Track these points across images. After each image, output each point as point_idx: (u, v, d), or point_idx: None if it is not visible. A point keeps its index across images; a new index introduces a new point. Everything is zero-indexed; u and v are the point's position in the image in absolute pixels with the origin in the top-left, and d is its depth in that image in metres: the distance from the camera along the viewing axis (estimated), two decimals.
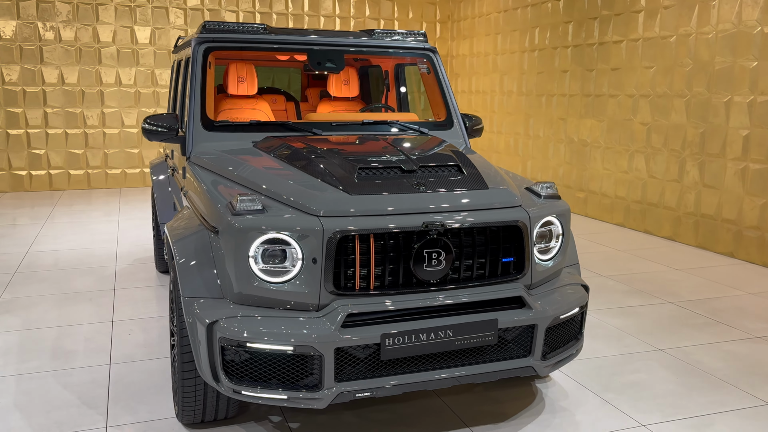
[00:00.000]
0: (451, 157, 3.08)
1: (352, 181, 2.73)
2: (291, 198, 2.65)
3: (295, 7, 10.37)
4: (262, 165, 3.04)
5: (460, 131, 3.96)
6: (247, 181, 2.89)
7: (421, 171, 2.89)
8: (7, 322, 4.26)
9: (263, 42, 3.79)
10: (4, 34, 9.17)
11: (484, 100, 10.34)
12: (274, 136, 3.46)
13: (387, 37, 4.09)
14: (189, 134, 3.50)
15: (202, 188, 2.97)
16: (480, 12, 10.35)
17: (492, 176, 3.01)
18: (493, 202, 2.77)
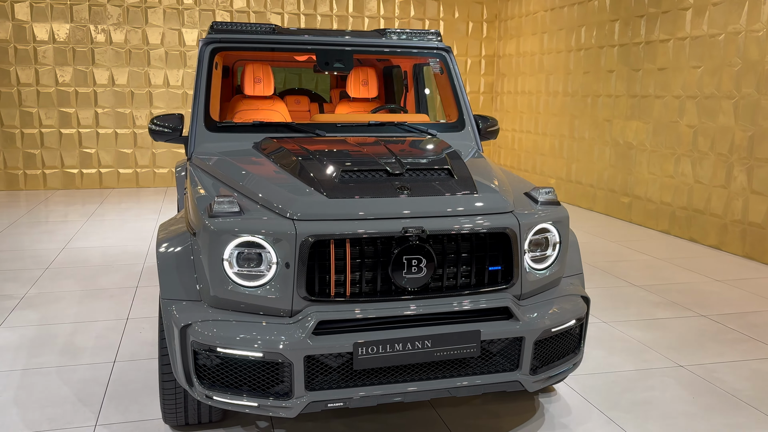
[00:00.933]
0: (443, 161, 2.96)
1: (334, 183, 2.65)
2: (271, 201, 2.60)
3: (339, 9, 10.38)
4: (253, 167, 3.00)
5: (471, 133, 3.83)
6: (235, 183, 2.85)
7: (407, 174, 2.79)
8: (27, 317, 4.37)
9: (270, 42, 3.76)
10: (58, 37, 9.50)
11: (530, 100, 10.10)
12: (273, 138, 3.42)
13: (399, 36, 3.99)
14: (191, 135, 3.50)
15: (192, 189, 2.95)
16: (527, 11, 10.11)
17: (486, 181, 2.88)
18: (480, 208, 2.64)
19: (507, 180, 3.05)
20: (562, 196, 9.30)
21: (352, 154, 3.02)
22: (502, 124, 10.98)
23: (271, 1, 10.12)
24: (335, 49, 3.81)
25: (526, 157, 10.27)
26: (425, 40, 4.02)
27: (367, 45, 3.86)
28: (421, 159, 2.99)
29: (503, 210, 2.67)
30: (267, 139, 3.40)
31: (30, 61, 9.47)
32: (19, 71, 9.45)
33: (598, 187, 8.49)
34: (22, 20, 9.34)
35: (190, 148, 3.48)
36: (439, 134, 3.75)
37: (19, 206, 8.53)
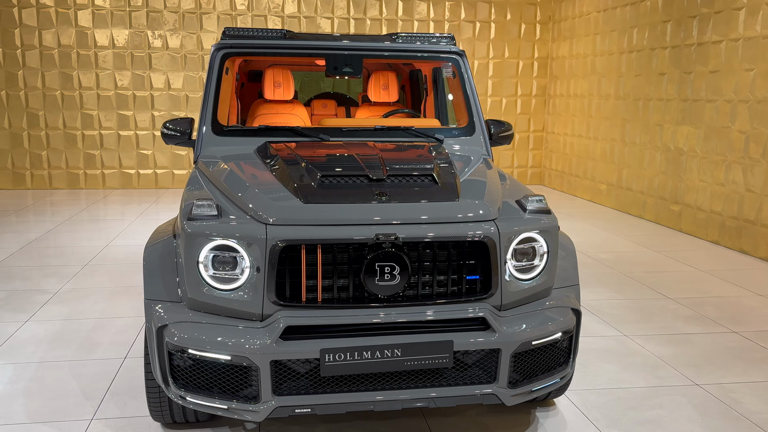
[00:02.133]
0: (429, 167, 2.91)
1: (311, 189, 2.65)
2: (249, 205, 2.62)
3: (389, 12, 10.40)
4: (245, 171, 3.04)
5: (481, 139, 3.76)
6: (224, 187, 2.89)
7: (389, 180, 2.76)
8: (55, 312, 4.56)
9: (280, 47, 3.79)
10: (118, 42, 9.90)
11: (582, 104, 9.83)
12: (273, 142, 3.45)
13: (411, 40, 3.95)
14: (199, 138, 3.57)
15: (186, 192, 3.01)
16: (580, 12, 9.85)
17: (473, 188, 2.81)
18: (459, 216, 2.59)
19: (500, 188, 2.97)
20: (612, 202, 9.02)
21: (338, 160, 3.01)
22: (554, 127, 10.74)
23: (321, 6, 10.24)
24: (343, 54, 3.81)
25: (577, 162, 10.00)
26: (438, 43, 3.97)
27: (376, 49, 3.84)
28: (408, 165, 2.95)
29: (484, 218, 2.60)
30: (268, 143, 3.44)
31: (91, 65, 9.90)
32: (81, 75, 9.90)
33: (648, 195, 8.18)
34: (84, 27, 9.78)
35: (197, 152, 3.55)
36: (448, 139, 3.69)
37: (79, 204, 8.93)
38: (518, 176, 11.22)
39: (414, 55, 3.89)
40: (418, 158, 3.16)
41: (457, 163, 3.26)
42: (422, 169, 2.89)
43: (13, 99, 9.80)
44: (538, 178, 11.32)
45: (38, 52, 9.74)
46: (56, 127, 9.98)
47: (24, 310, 4.58)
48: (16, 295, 4.93)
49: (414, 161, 3.07)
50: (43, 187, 10.12)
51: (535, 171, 11.29)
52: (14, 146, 9.93)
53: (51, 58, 9.79)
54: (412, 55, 3.89)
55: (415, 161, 3.07)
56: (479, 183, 2.91)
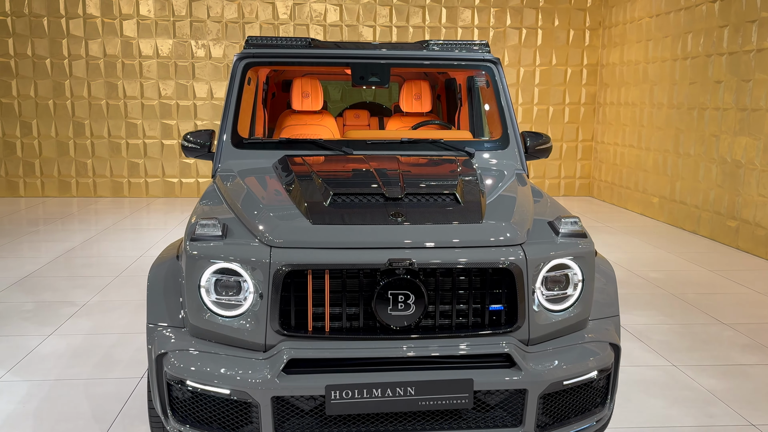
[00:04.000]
0: (452, 185, 2.68)
1: (322, 208, 2.46)
2: (256, 224, 2.45)
3: (432, 20, 10.19)
4: (258, 187, 2.87)
5: (516, 152, 3.51)
6: (235, 204, 2.73)
7: (407, 199, 2.54)
8: (80, 325, 4.49)
9: (305, 57, 3.62)
10: (162, 52, 9.96)
11: (633, 112, 9.42)
12: (291, 156, 3.28)
13: (443, 48, 3.74)
14: (218, 151, 3.43)
15: (197, 209, 2.86)
16: (632, 17, 9.45)
17: (500, 209, 2.57)
18: (482, 240, 2.35)
19: (531, 208, 2.71)
20: (665, 216, 8.58)
21: (354, 177, 2.81)
22: (604, 137, 10.33)
23: (363, 14, 10.10)
24: (370, 63, 3.62)
25: (628, 173, 9.58)
26: (472, 51, 3.74)
27: (403, 57, 3.64)
28: (429, 182, 2.73)
29: (509, 242, 2.36)
30: (286, 157, 3.27)
31: (135, 75, 9.98)
32: (126, 85, 9.99)
33: (703, 209, 7.74)
34: (129, 36, 9.87)
35: (215, 165, 3.41)
36: (480, 153, 3.45)
37: (122, 212, 8.98)
38: (565, 187, 10.84)
39: (444, 63, 3.67)
40: (442, 175, 2.94)
41: (487, 179, 3.02)
42: (443, 186, 2.67)
43: (60, 108, 9.96)
44: (587, 189, 10.91)
45: (84, 62, 9.88)
46: (101, 136, 10.09)
47: (49, 323, 4.52)
48: (44, 307, 4.88)
49: (436, 178, 2.85)
50: (87, 195, 10.24)
51: (583, 182, 10.89)
52: (60, 155, 10.08)
53: (97, 68, 9.91)
54: (441, 64, 3.67)
55: (437, 178, 2.85)
56: (508, 202, 2.67)
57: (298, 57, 3.63)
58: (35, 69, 9.85)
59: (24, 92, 9.88)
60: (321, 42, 3.84)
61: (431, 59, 3.66)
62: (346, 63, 3.64)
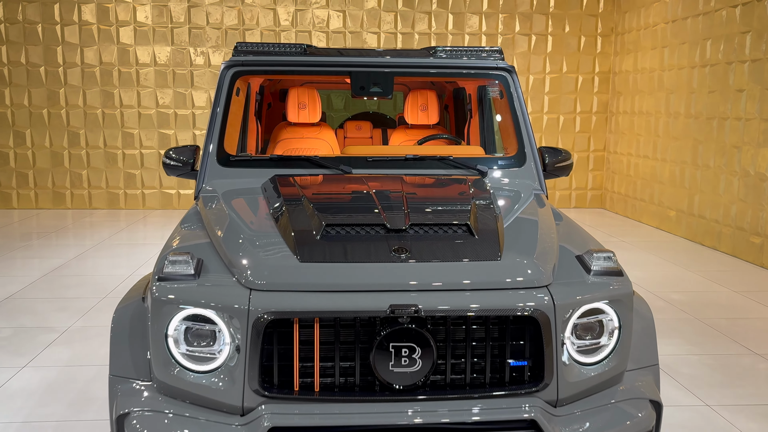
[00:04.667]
0: (464, 212, 2.33)
1: (312, 242, 2.11)
2: (235, 262, 2.09)
3: (438, 26, 9.86)
4: (241, 214, 2.52)
5: (533, 170, 3.15)
6: (213, 233, 2.38)
7: (412, 231, 2.19)
8: (57, 355, 4.14)
9: (299, 65, 3.28)
10: (159, 59, 9.65)
11: (648, 122, 9.05)
12: (283, 176, 2.93)
13: (452, 55, 3.38)
14: (202, 169, 3.08)
15: (170, 240, 2.51)
16: (646, 23, 9.10)
17: (521, 242, 2.21)
18: (501, 280, 1.99)
19: (555, 238, 2.35)
20: (682, 231, 8.19)
21: (351, 203, 2.46)
22: (617, 147, 9.96)
23: (367, 21, 9.78)
24: (371, 71, 3.27)
25: (642, 185, 9.20)
26: (483, 58, 3.39)
27: (410, 66, 3.29)
28: (437, 209, 2.38)
29: (533, 284, 2.00)
30: (277, 177, 2.92)
31: (132, 83, 9.68)
32: (122, 93, 9.68)
33: (724, 224, 7.35)
34: (126, 43, 9.57)
35: (198, 185, 3.06)
36: (493, 171, 3.10)
37: (118, 224, 8.66)
38: (576, 199, 10.46)
39: (453, 72, 3.31)
40: (452, 199, 2.58)
41: (502, 202, 2.66)
42: (455, 214, 2.32)
43: (55, 117, 9.66)
44: (599, 201, 10.53)
45: (80, 70, 9.58)
46: (97, 146, 9.78)
47: (24, 353, 4.18)
48: (22, 333, 4.54)
49: (445, 203, 2.50)
50: (83, 207, 9.93)
51: (595, 194, 10.51)
52: (55, 165, 9.77)
53: (92, 76, 9.61)
54: (450, 73, 3.33)
55: (446, 203, 2.50)
56: (529, 233, 2.31)
57: (291, 65, 3.28)
58: (29, 77, 9.55)
59: (17, 101, 9.58)
60: (318, 49, 3.49)
61: (439, 68, 3.31)
62: (344, 71, 3.30)
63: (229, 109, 3.21)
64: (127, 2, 9.49)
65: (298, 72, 3.30)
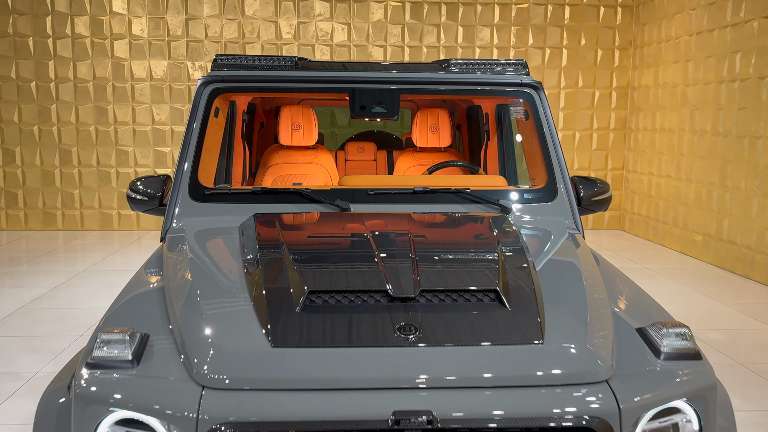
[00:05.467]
0: (491, 273, 1.81)
1: (291, 316, 1.60)
2: (189, 343, 1.59)
3: (447, 39, 9.39)
4: (208, 266, 2.02)
5: (567, 205, 2.64)
6: (170, 297, 1.88)
7: (423, 300, 1.68)
8: (18, 409, 3.64)
9: (289, 81, 2.79)
10: (156, 74, 9.22)
11: (671, 140, 8.53)
12: (263, 215, 2.43)
13: (468, 68, 2.89)
14: (171, 204, 2.59)
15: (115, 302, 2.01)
16: (667, 36, 8.60)
17: (567, 313, 1.70)
18: (546, 374, 1.48)
19: (607, 305, 1.83)
20: (710, 257, 7.64)
21: (344, 256, 1.96)
22: (637, 166, 9.43)
23: (373, 34, 9.32)
24: (373, 88, 2.77)
25: (665, 206, 8.66)
26: (505, 73, 2.89)
27: (419, 81, 2.80)
28: (455, 266, 1.87)
29: (590, 378, 1.49)
30: (258, 217, 2.42)
31: (127, 99, 9.25)
32: (117, 109, 9.25)
33: (757, 251, 6.80)
34: (121, 57, 9.15)
35: (166, 223, 2.57)
36: (517, 207, 2.59)
37: (112, 247, 8.21)
38: (594, 220, 9.91)
39: (471, 89, 2.82)
40: (473, 249, 2.08)
41: (534, 250, 2.15)
42: (479, 274, 1.81)
43: (46, 134, 9.23)
44: (617, 222, 9.99)
45: (72, 85, 9.15)
46: (89, 165, 9.34)
47: None
48: None
49: (465, 256, 1.99)
50: (75, 228, 9.47)
51: (613, 214, 9.98)
52: (45, 184, 9.33)
53: (85, 91, 9.18)
54: (468, 90, 2.83)
55: (466, 255, 1.99)
56: (575, 298, 1.80)
57: (280, 81, 2.79)
58: (19, 92, 9.13)
59: (7, 117, 9.16)
60: (312, 62, 3.00)
61: (454, 84, 2.81)
62: (341, 88, 2.80)
63: (206, 132, 2.72)
64: (122, 14, 9.08)
65: (288, 89, 2.82)
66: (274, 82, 2.78)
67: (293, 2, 9.23)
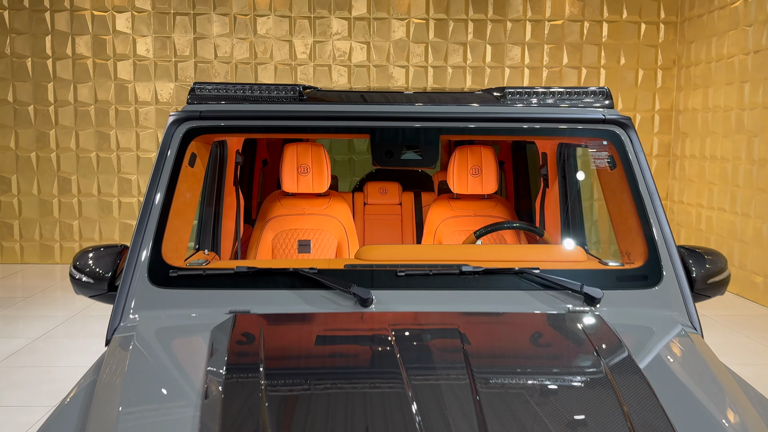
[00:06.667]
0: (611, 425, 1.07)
1: None
2: None
3: (474, 59, 8.68)
4: (152, 397, 1.29)
5: (677, 292, 1.88)
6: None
7: None
8: None
9: (291, 117, 2.07)
10: (161, 97, 8.61)
11: (723, 169, 7.71)
12: (246, 317, 1.70)
13: (527, 99, 2.15)
14: (122, 291, 1.86)
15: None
16: (719, 54, 7.82)
17: None
18: None
19: None
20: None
21: (357, 404, 1.21)
22: (683, 196, 8.61)
23: (394, 53, 8.65)
24: (404, 127, 2.04)
25: (718, 241, 7.83)
26: (580, 103, 2.14)
27: (465, 117, 2.06)
28: (550, 420, 1.12)
29: None
30: (237, 319, 1.68)
31: (131, 123, 8.64)
32: (119, 135, 8.64)
33: None
34: (124, 79, 8.56)
35: (114, 320, 1.84)
36: (605, 293, 1.83)
37: None
38: None
39: (536, 129, 2.08)
40: (571, 384, 1.32)
41: (642, 359, 1.40)
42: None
43: (44, 161, 8.63)
44: None
45: (72, 109, 8.56)
46: (90, 194, 8.72)
47: None
48: None
49: (562, 399, 1.24)
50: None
51: None
52: (43, 215, 8.71)
53: (86, 115, 8.59)
54: (531, 130, 2.09)
55: (564, 399, 1.24)
56: None
57: (278, 118, 2.07)
58: (16, 117, 8.56)
59: (3, 143, 8.58)
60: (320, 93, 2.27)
61: (512, 120, 2.07)
62: (360, 127, 2.08)
63: (176, 188, 2.00)
64: (125, 34, 8.49)
65: (290, 129, 2.09)
66: (270, 119, 2.06)
67: (309, 20, 8.60)
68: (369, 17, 8.63)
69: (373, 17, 8.63)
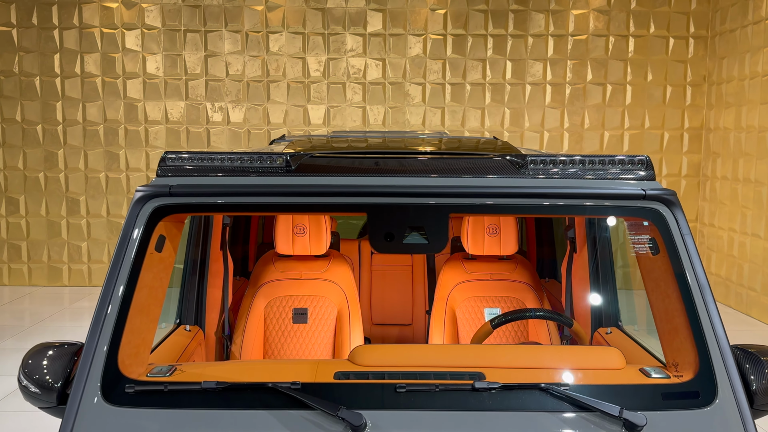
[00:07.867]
0: None
1: None
2: None
3: (494, 75, 8.35)
4: None
5: (735, 413, 1.55)
6: None
7: None
8: None
9: (273, 193, 1.77)
10: (172, 116, 8.39)
11: (758, 192, 7.30)
12: None
13: (550, 169, 1.83)
14: (71, 408, 1.57)
15: None
16: (753, 72, 7.41)
17: None
18: None
19: None
20: None
21: None
22: (714, 219, 8.20)
23: (411, 70, 8.35)
24: (409, 204, 1.74)
25: (751, 269, 7.40)
26: (615, 177, 1.82)
27: (477, 192, 1.75)
28: None
29: None
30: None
31: (140, 143, 8.43)
32: (129, 154, 8.43)
33: None
34: (134, 98, 8.35)
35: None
36: (648, 415, 1.51)
37: None
38: None
39: (563, 206, 1.76)
40: None
41: None
42: None
43: (52, 182, 8.45)
44: None
45: (81, 128, 8.38)
46: (99, 215, 8.52)
47: None
48: None
49: None
50: (81, 284, 8.64)
51: None
52: (51, 236, 8.53)
53: (95, 135, 8.39)
54: (554, 208, 1.77)
55: None
56: None
57: (259, 194, 1.78)
58: (24, 136, 8.39)
59: (11, 163, 8.42)
60: (313, 160, 1.96)
61: (534, 197, 1.75)
62: (354, 205, 1.77)
63: (139, 277, 1.71)
64: (135, 51, 8.29)
65: (273, 207, 1.79)
66: (252, 195, 1.77)
67: (323, 37, 8.33)
68: (384, 33, 8.34)
69: (388, 33, 8.34)
